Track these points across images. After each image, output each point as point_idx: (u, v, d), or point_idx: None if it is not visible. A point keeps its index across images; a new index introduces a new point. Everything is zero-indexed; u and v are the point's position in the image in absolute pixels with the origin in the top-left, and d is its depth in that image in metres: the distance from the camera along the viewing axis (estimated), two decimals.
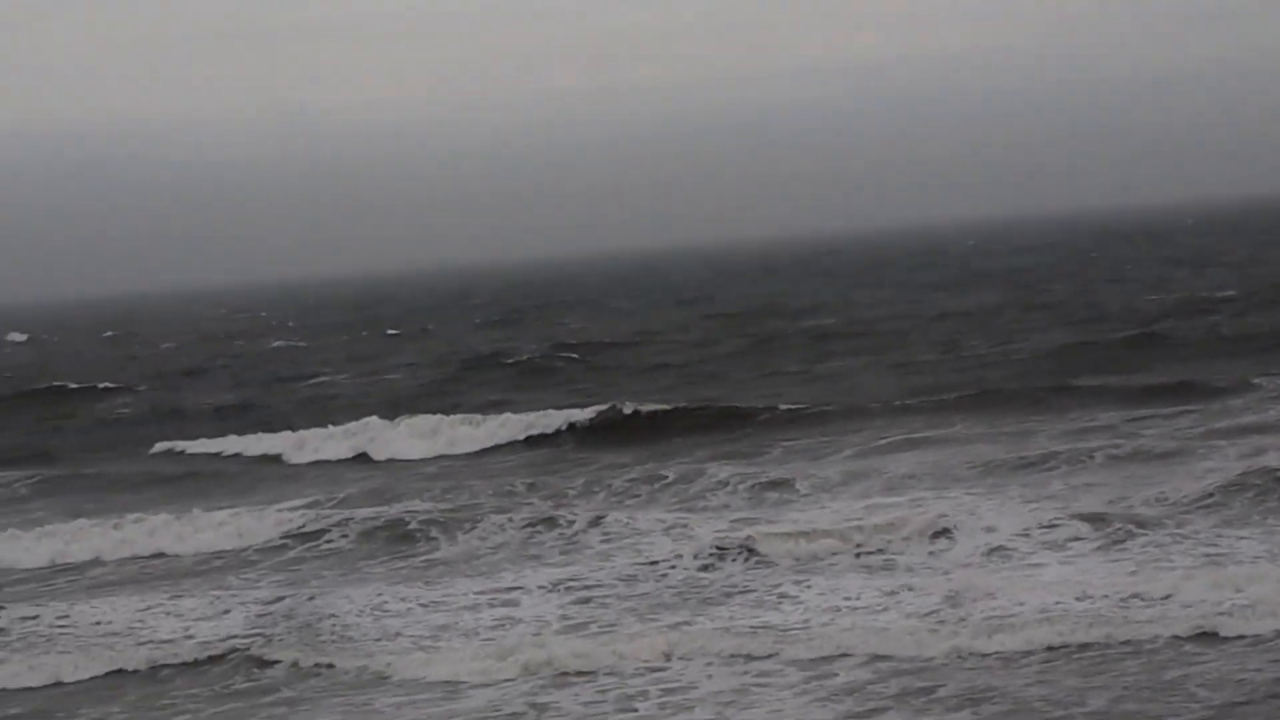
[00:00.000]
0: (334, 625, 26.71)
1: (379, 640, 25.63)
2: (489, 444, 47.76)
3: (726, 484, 36.66)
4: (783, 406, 48.25)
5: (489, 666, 23.45)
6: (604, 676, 22.78)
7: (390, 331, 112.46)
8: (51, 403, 73.67)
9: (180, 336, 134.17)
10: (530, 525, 33.32)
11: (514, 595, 27.71)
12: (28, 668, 25.64)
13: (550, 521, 33.39)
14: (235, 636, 26.53)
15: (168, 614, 28.53)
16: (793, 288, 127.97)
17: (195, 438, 52.86)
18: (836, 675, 22.01)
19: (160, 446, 52.84)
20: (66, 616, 28.81)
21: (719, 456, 41.41)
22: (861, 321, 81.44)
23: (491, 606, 27.17)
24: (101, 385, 79.20)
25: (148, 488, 45.31)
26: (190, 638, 26.87)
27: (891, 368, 58.47)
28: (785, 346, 71.15)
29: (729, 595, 26.81)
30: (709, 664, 22.87)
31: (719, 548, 29.27)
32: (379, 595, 28.44)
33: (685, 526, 32.12)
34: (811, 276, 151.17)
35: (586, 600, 27.13)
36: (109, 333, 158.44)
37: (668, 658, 23.19)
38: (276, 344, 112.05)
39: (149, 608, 29.04)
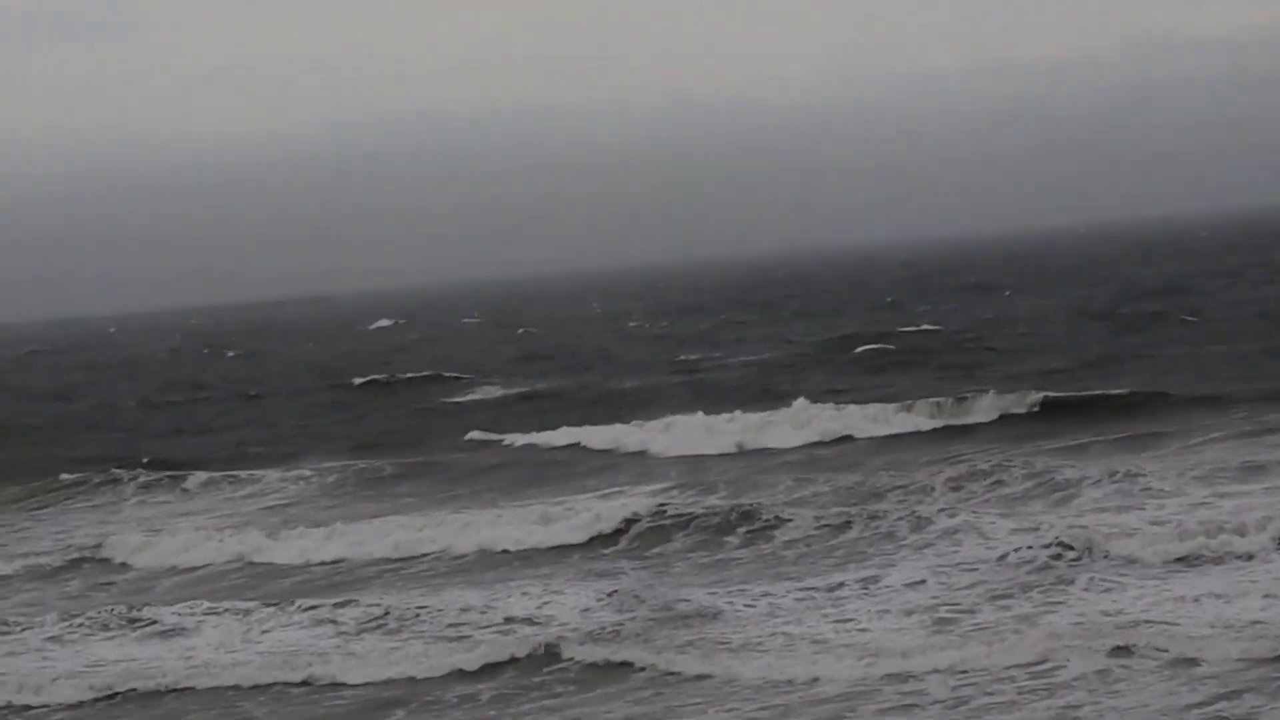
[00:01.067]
0: (695, 618, 26.48)
1: (742, 634, 25.30)
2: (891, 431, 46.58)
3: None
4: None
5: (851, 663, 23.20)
6: (973, 671, 22.45)
7: (738, 319, 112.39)
8: (420, 389, 74.76)
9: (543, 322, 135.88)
10: (900, 519, 32.54)
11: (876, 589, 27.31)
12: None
13: (915, 518, 32.51)
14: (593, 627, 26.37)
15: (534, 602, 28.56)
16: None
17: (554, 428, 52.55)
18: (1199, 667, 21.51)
19: (476, 435, 53.58)
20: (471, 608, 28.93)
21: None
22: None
23: (839, 601, 26.79)
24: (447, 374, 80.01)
25: (489, 475, 45.62)
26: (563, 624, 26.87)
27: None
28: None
29: (1088, 589, 26.16)
30: (1072, 654, 22.47)
31: (1063, 543, 28.46)
32: (742, 587, 28.32)
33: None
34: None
35: (941, 599, 26.66)
36: (471, 318, 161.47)
37: (1037, 652, 22.73)
38: (648, 324, 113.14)
39: (487, 598, 29.14)
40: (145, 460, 54.99)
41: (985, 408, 47.14)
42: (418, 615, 28.40)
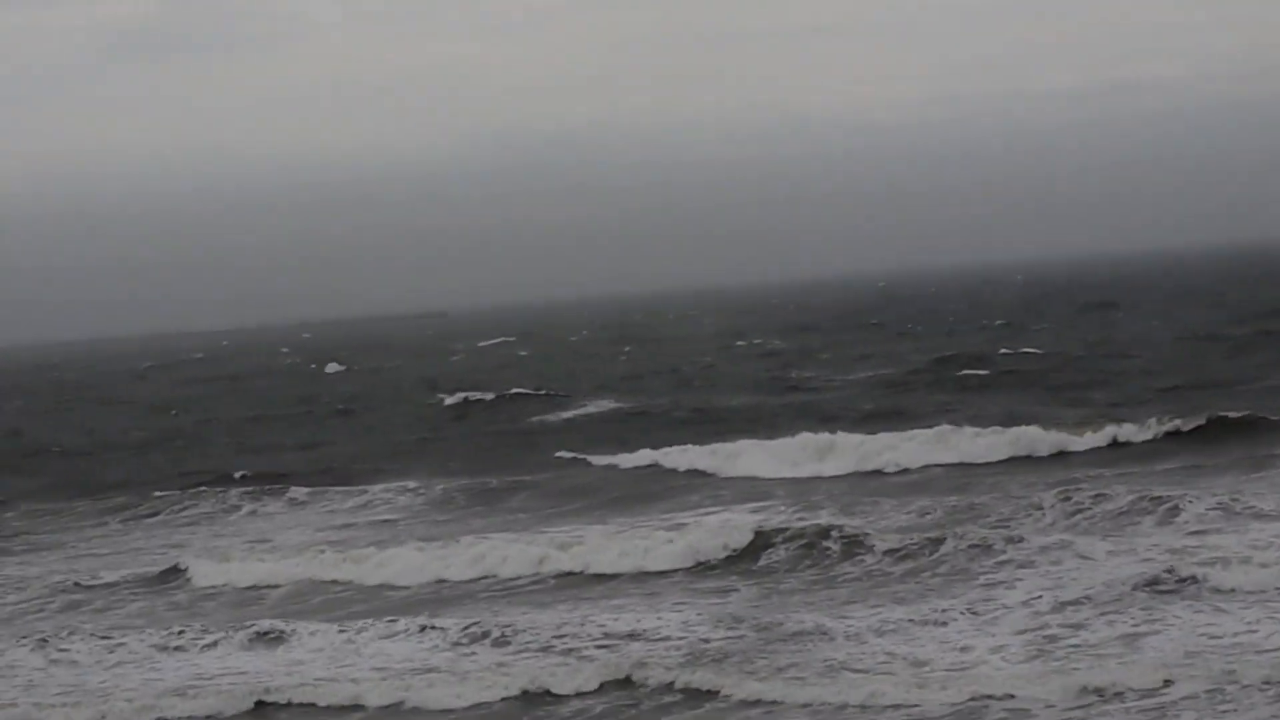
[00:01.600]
0: (799, 639, 26.45)
1: (846, 655, 25.30)
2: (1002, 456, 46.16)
3: None
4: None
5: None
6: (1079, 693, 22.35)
7: (849, 338, 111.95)
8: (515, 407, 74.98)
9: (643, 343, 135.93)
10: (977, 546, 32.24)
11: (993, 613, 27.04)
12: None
13: (1021, 540, 32.30)
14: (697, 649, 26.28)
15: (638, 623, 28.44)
16: None
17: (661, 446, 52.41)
18: None
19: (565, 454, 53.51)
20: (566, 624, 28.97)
21: None
22: None
23: (944, 623, 26.68)
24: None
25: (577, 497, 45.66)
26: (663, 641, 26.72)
27: None
28: None
29: (1193, 613, 25.95)
30: (1179, 677, 22.46)
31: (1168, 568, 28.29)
32: (848, 608, 28.36)
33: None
34: None
35: (1047, 621, 26.49)
36: (582, 335, 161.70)
37: (1144, 674, 22.70)
38: (756, 341, 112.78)
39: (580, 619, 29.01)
40: (248, 473, 55.50)
41: (1095, 430, 46.64)
42: (521, 632, 28.38)
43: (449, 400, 79.92)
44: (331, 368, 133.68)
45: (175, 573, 37.47)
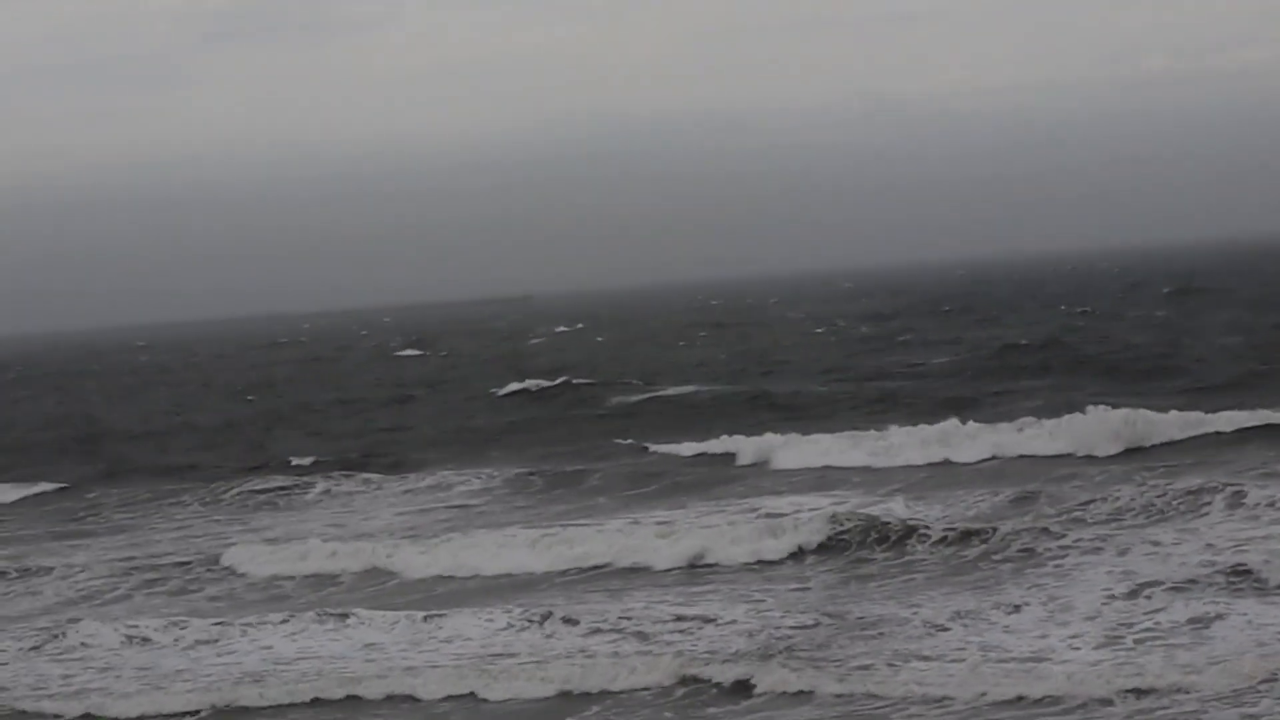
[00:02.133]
0: (875, 629, 26.40)
1: (923, 646, 25.21)
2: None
3: None
4: None
5: None
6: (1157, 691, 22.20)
7: (937, 324, 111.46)
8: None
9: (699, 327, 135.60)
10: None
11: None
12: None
13: (1096, 533, 32.27)
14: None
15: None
16: None
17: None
18: None
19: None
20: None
21: None
22: None
23: (1020, 615, 26.48)
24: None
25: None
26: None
27: None
28: None
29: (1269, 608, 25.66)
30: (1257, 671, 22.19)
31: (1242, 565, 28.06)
32: (924, 598, 28.31)
33: None
34: None
35: (1123, 615, 26.30)
36: (662, 320, 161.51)
37: (1221, 668, 22.58)
38: (840, 324, 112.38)
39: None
40: (320, 458, 55.80)
41: (1172, 421, 46.09)
42: (605, 621, 28.40)
43: (519, 385, 80.00)
44: (407, 352, 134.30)
45: (247, 557, 37.50)
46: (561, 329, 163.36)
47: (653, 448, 52.29)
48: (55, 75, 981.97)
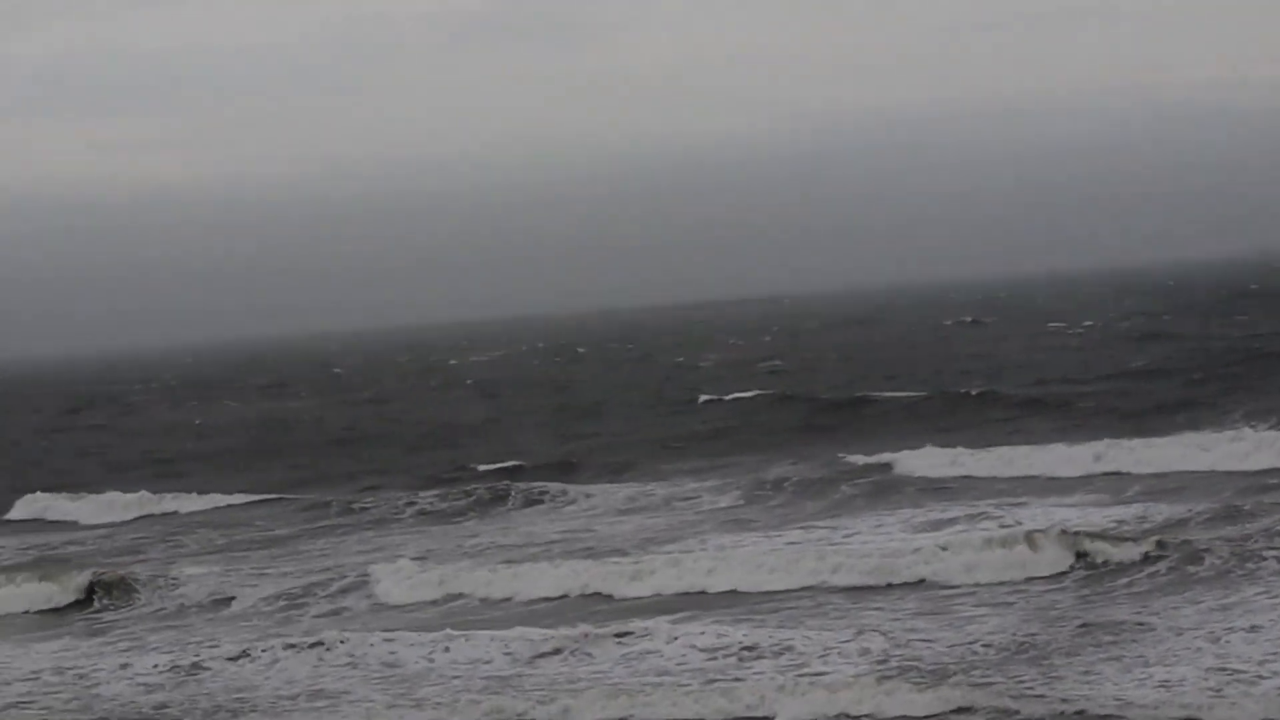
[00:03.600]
0: (1113, 640, 26.26)
1: (1155, 654, 25.09)
2: None
3: None
4: None
5: None
6: None
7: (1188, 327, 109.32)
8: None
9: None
10: None
11: None
12: None
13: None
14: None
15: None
16: None
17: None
18: None
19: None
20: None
21: None
22: None
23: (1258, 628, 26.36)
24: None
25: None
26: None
27: None
28: None
29: None
30: None
31: None
32: (1162, 609, 28.03)
33: None
34: None
35: None
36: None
37: None
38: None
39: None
40: (525, 463, 56.81)
41: None
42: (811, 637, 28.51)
43: (736, 395, 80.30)
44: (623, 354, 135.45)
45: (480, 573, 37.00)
46: (810, 326, 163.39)
47: (888, 456, 51.12)
48: (315, 76, 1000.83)
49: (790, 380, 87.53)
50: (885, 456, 49.76)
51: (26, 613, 37.79)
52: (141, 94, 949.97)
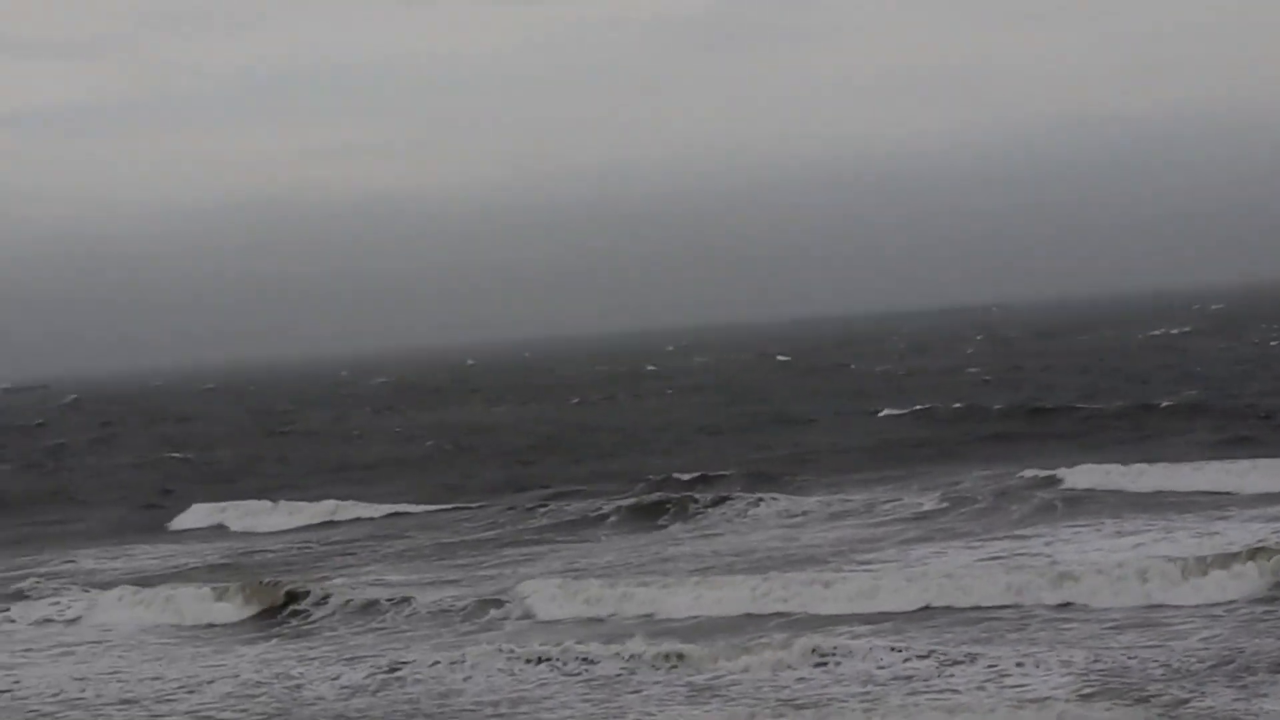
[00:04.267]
0: None
1: None
2: None
3: None
4: None
5: None
6: None
7: None
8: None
9: None
10: None
11: None
12: None
13: None
14: None
15: None
16: None
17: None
18: None
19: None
20: None
21: None
22: None
23: None
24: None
25: None
26: None
27: None
28: None
29: None
30: None
31: None
32: None
33: None
34: None
35: None
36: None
37: None
38: None
39: None
40: (728, 472, 56.64)
41: None
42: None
43: (931, 405, 79.97)
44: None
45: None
46: (1013, 334, 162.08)
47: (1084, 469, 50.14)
48: (531, 83, 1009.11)
49: (987, 390, 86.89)
50: (1083, 468, 49.07)
51: (212, 624, 38.09)
52: (357, 102, 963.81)
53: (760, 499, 49.93)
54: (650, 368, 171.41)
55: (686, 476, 57.05)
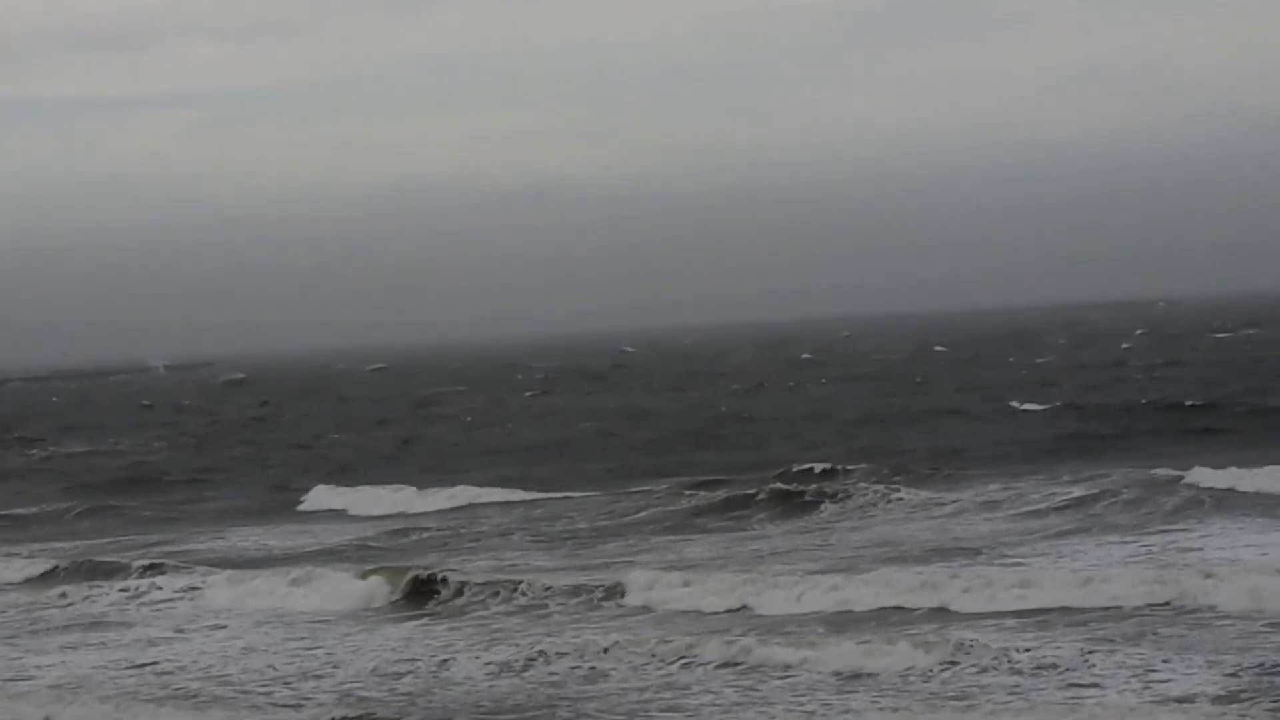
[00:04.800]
0: None
1: None
2: None
3: None
4: None
5: None
6: None
7: None
8: None
9: None
10: None
11: None
12: None
13: None
14: None
15: None
16: None
17: None
18: None
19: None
20: None
21: None
22: None
23: None
24: None
25: None
26: None
27: None
28: None
29: None
30: None
31: None
32: None
33: None
34: None
35: None
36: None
37: None
38: None
39: None
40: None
41: None
42: None
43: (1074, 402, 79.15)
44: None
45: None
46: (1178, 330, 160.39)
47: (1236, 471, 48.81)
48: (704, 71, 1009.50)
49: (1139, 386, 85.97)
50: (1234, 469, 47.95)
51: (354, 606, 38.02)
52: (532, 88, 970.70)
53: (910, 490, 49.60)
54: (805, 356, 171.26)
55: (838, 466, 56.67)
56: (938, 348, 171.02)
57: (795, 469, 56.45)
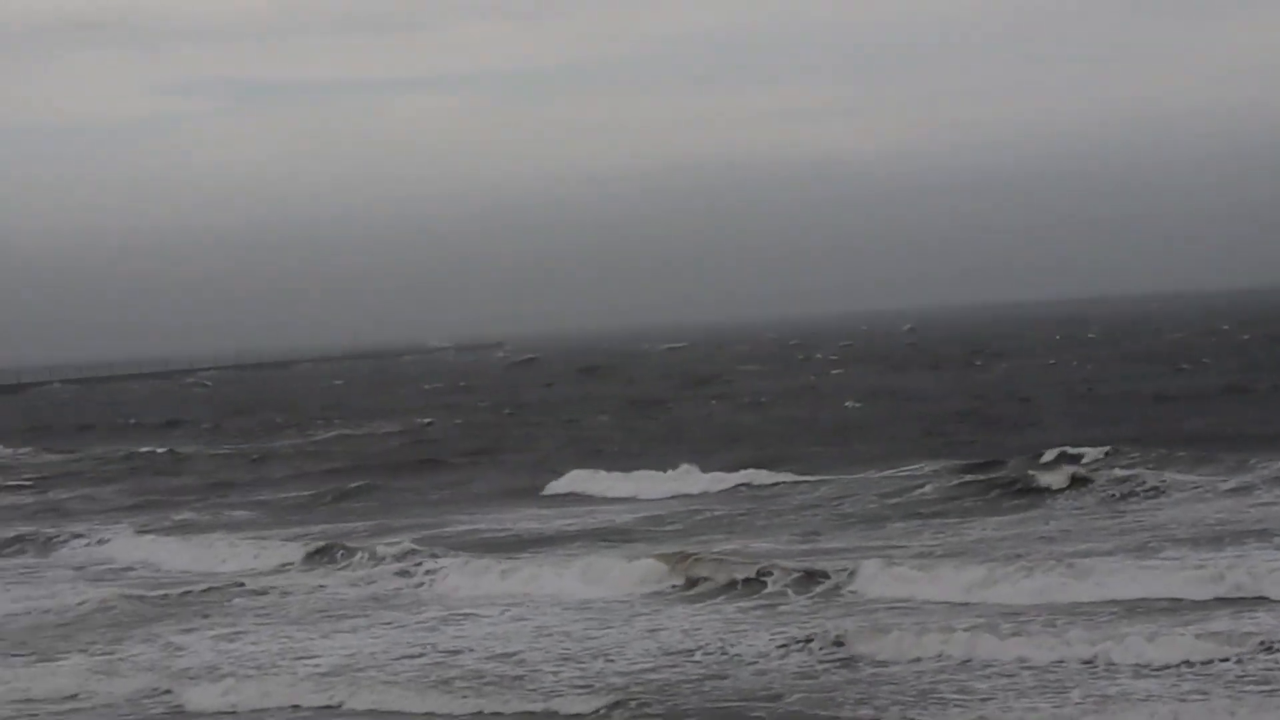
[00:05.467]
0: None
1: None
2: None
3: None
4: None
5: None
6: None
7: None
8: None
9: None
10: None
11: None
12: None
13: None
14: None
15: None
16: None
17: None
18: None
19: None
20: None
21: None
22: None
23: None
24: None
25: None
26: None
27: None
28: None
29: None
30: None
31: None
32: None
33: None
34: None
35: None
36: None
37: None
38: None
39: None
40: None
41: None
42: None
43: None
44: None
45: None
46: None
47: None
48: (965, 48, 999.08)
49: None
50: None
51: (629, 590, 37.66)
52: (792, 66, 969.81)
53: (1201, 475, 48.25)
54: (1090, 335, 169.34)
55: (1119, 448, 55.29)
56: (1224, 326, 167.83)
57: (1073, 450, 55.14)
